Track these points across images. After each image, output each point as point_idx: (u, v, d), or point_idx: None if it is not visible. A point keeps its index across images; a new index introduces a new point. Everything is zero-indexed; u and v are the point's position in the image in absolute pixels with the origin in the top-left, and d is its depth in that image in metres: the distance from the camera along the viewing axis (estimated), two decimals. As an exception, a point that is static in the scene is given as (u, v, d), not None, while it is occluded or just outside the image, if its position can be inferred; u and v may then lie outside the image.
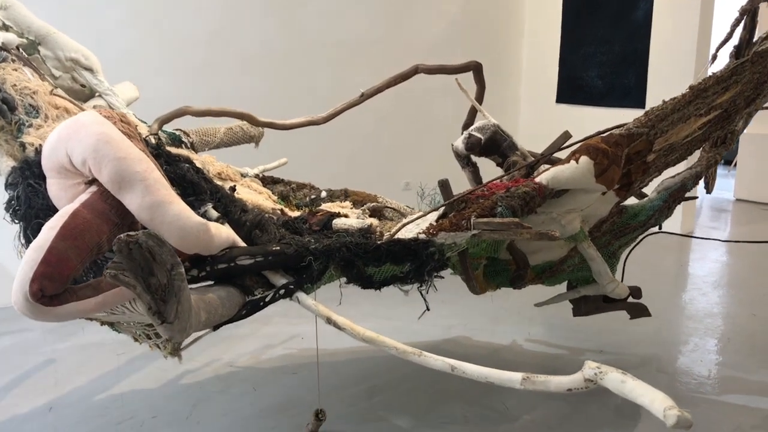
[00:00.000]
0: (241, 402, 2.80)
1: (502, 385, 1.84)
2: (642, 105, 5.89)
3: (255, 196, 2.66)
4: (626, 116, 2.53)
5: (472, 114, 3.09)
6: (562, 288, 3.11)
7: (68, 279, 1.75)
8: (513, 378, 1.81)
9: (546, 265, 2.85)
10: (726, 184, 8.25)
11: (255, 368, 3.15)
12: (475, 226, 2.22)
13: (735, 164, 8.02)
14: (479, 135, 2.80)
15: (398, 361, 2.09)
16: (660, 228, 3.05)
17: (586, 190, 2.44)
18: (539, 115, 6.79)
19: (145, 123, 2.72)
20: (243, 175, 2.92)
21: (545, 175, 2.37)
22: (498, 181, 2.50)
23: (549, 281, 3.00)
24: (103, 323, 2.08)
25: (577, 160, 2.35)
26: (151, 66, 4.25)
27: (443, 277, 2.32)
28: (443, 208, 2.36)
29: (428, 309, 2.35)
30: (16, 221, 2.00)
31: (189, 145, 2.85)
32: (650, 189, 3.00)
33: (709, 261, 5.19)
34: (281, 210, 2.66)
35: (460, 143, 2.86)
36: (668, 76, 5.84)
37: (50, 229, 1.75)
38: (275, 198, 2.86)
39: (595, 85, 6.44)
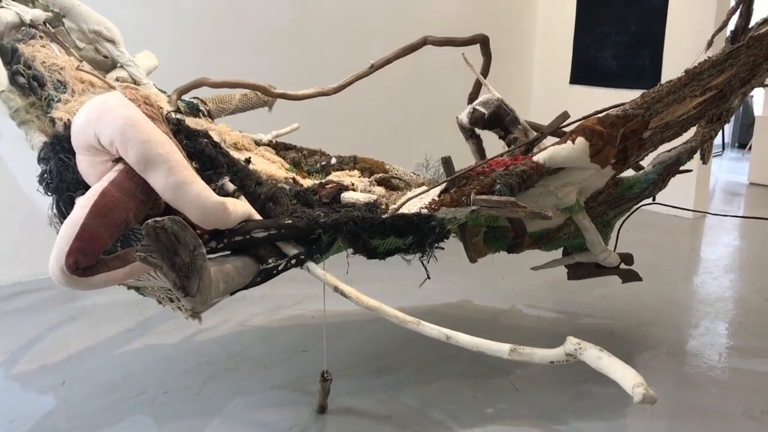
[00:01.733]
0: (251, 379, 2.87)
1: (492, 355, 2.03)
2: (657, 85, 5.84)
3: (268, 166, 2.81)
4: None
5: (478, 87, 3.20)
6: (558, 254, 3.26)
7: (100, 252, 1.93)
8: (501, 348, 1.99)
9: (543, 232, 2.99)
10: (740, 167, 8.15)
11: (265, 345, 3.21)
12: (475, 202, 2.36)
13: (750, 148, 7.93)
14: (483, 109, 2.91)
15: (407, 340, 2.23)
16: (654, 199, 3.18)
17: (582, 168, 2.57)
18: (552, 97, 6.74)
19: (164, 92, 2.86)
20: (257, 143, 3.06)
21: (543, 155, 2.50)
22: (499, 157, 2.63)
23: (546, 247, 3.15)
24: (129, 287, 2.27)
25: (573, 141, 2.47)
26: (166, 41, 4.30)
27: (443, 248, 2.47)
28: (445, 183, 2.50)
29: (429, 277, 2.52)
30: (49, 194, 2.17)
31: (206, 112, 2.99)
32: (647, 162, 3.12)
33: (721, 245, 5.16)
34: (293, 179, 2.81)
35: (464, 116, 2.97)
36: (683, 58, 5.74)
37: (82, 207, 1.92)
38: (288, 166, 3.01)
39: (610, 66, 6.37)
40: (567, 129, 2.76)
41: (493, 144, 3.08)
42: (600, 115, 2.56)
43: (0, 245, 3.85)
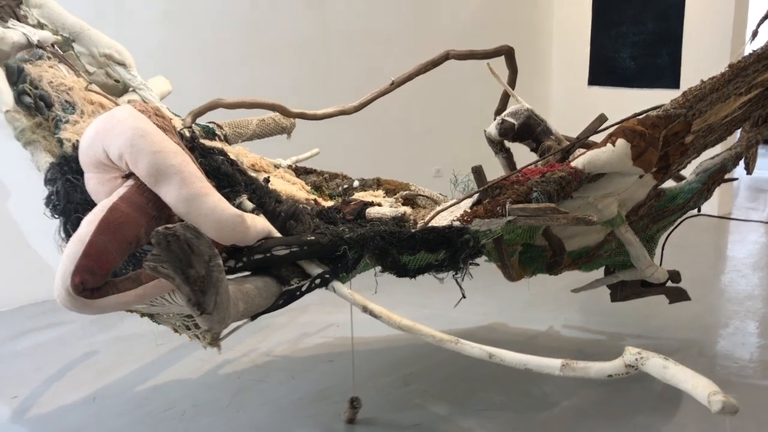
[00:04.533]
0: (280, 391, 2.82)
1: (541, 372, 1.83)
2: (676, 85, 5.76)
3: (289, 187, 2.67)
4: (660, 97, 2.49)
5: (505, 99, 3.06)
6: (599, 273, 3.07)
7: (108, 272, 1.78)
8: (552, 365, 1.80)
9: (582, 251, 2.81)
10: (765, 163, 8.03)
11: (292, 357, 3.17)
12: (510, 212, 2.20)
13: (775, 144, 7.81)
14: (512, 120, 2.77)
15: (433, 349, 2.09)
16: (699, 211, 2.99)
17: (623, 174, 2.40)
18: (571, 99, 6.67)
19: (178, 116, 2.75)
20: (276, 167, 2.93)
21: (581, 159, 2.34)
22: (533, 166, 2.47)
23: (586, 267, 2.96)
24: (143, 315, 2.11)
25: (613, 143, 2.31)
26: (183, 60, 4.28)
27: (478, 264, 2.30)
28: (477, 194, 2.34)
29: (464, 296, 2.34)
30: (56, 216, 2.04)
31: (222, 137, 2.87)
32: (689, 171, 2.94)
33: (749, 243, 5.08)
34: (315, 200, 2.67)
35: (493, 129, 2.83)
36: (703, 56, 5.70)
37: (89, 222, 1.78)
38: (308, 188, 2.87)
39: (628, 66, 6.31)
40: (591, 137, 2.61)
41: (524, 158, 2.93)
42: (640, 117, 2.40)
43: (28, 264, 3.78)
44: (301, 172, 3.07)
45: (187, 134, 2.26)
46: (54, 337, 3.44)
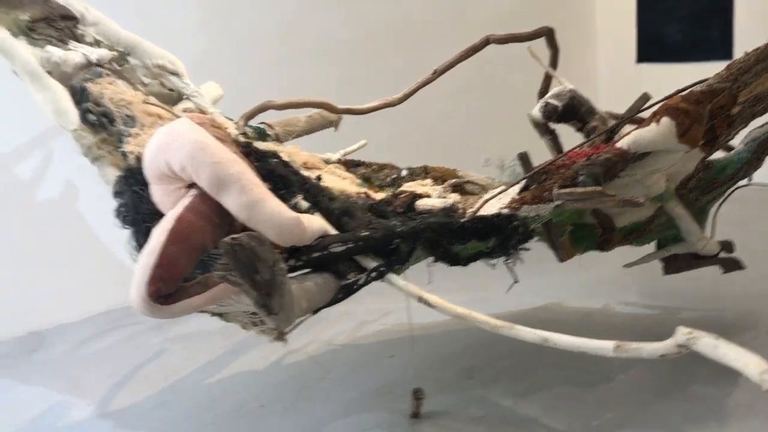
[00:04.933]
0: (342, 387, 2.87)
1: (595, 354, 1.89)
2: (729, 57, 5.51)
3: (340, 182, 2.76)
4: (712, 70, 2.46)
5: (547, 81, 3.08)
6: (651, 248, 3.08)
7: (179, 278, 1.91)
8: (605, 346, 1.85)
9: (633, 227, 2.83)
10: None
11: (352, 350, 3.23)
12: (558, 197, 2.24)
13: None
14: (556, 102, 2.79)
15: (493, 339, 2.15)
16: (750, 180, 2.96)
17: (670, 151, 2.41)
18: (620, 78, 6.45)
19: (231, 120, 2.86)
20: (326, 162, 3.02)
21: (626, 140, 2.36)
22: (578, 149, 2.51)
23: (637, 242, 2.98)
24: (213, 314, 2.24)
25: (658, 122, 2.32)
26: (226, 65, 4.37)
27: (529, 249, 2.35)
28: (524, 180, 2.39)
29: (516, 281, 2.40)
30: (126, 226, 2.17)
31: (274, 137, 2.97)
32: (738, 141, 2.92)
33: None
34: (365, 193, 2.75)
35: (536, 112, 2.86)
36: (756, 26, 5.48)
37: (159, 234, 1.90)
38: (359, 181, 2.95)
39: (677, 40, 6.10)
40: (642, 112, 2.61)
41: (570, 140, 2.95)
42: (683, 93, 2.40)
43: (94, 274, 3.96)
44: (350, 165, 3.15)
45: (242, 140, 2.36)
46: (123, 344, 3.57)
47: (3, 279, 3.75)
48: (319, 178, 2.58)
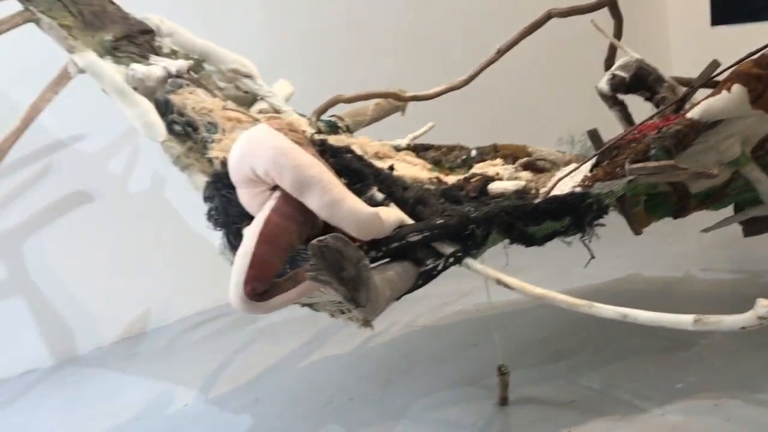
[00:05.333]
0: (428, 378, 2.89)
1: (675, 328, 1.93)
2: None
3: (411, 169, 2.84)
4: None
5: (612, 52, 3.05)
6: (728, 211, 3.04)
7: (272, 276, 2.04)
8: (684, 321, 1.89)
9: (709, 191, 2.80)
10: None
11: (436, 340, 3.26)
12: (630, 172, 2.26)
13: None
14: (623, 73, 2.78)
15: (578, 318, 2.19)
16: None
17: (743, 117, 2.38)
18: (694, 43, 6.05)
19: (303, 116, 2.98)
20: (396, 149, 3.11)
21: (697, 110, 2.35)
22: (648, 121, 2.50)
23: (714, 206, 2.95)
24: (302, 305, 2.38)
25: (729, 90, 2.30)
26: (294, 61, 4.45)
27: (604, 225, 2.38)
28: (595, 157, 2.41)
29: (593, 257, 2.43)
30: (218, 229, 2.33)
31: (345, 128, 3.08)
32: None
33: None
34: (437, 177, 2.82)
35: (604, 84, 2.85)
36: None
37: (250, 237, 2.04)
38: (429, 166, 3.03)
39: None
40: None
41: (639, 109, 2.93)
42: (755, 57, 2.35)
43: (181, 279, 4.17)
44: (419, 149, 3.23)
45: (317, 138, 2.47)
46: (211, 346, 3.71)
47: (103, 285, 3.96)
48: (391, 167, 2.66)
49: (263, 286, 2.01)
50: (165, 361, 3.64)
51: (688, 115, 2.34)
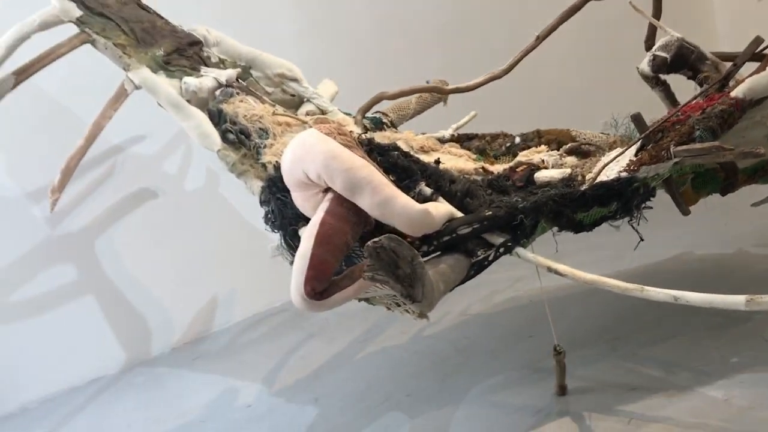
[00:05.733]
0: (485, 370, 2.90)
1: (727, 308, 1.94)
2: None
3: (457, 161, 2.89)
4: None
5: (652, 31, 3.04)
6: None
7: (330, 275, 2.14)
8: (736, 301, 1.91)
9: (758, 165, 2.79)
10: None
11: (490, 330, 3.28)
12: (676, 154, 2.28)
13: None
14: (664, 54, 2.78)
15: (634, 306, 2.19)
16: None
17: (790, 91, 2.36)
18: (740, 15, 5.79)
19: (349, 114, 3.06)
20: (441, 140, 3.16)
21: (741, 88, 2.34)
22: (692, 101, 2.50)
23: (764, 180, 2.93)
24: (359, 300, 2.47)
25: (774, 66, 2.29)
26: (336, 60, 4.52)
27: (652, 207, 2.40)
28: (640, 141, 2.43)
29: (642, 239, 2.46)
30: (275, 231, 2.43)
31: (389, 124, 3.15)
32: None
33: None
34: (482, 168, 2.87)
35: (645, 65, 2.85)
36: None
37: (307, 239, 2.13)
38: (474, 156, 3.08)
39: None
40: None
41: (682, 87, 2.92)
42: (800, 31, 2.34)
43: (239, 283, 4.31)
44: (463, 139, 3.27)
45: (364, 138, 2.54)
46: (269, 347, 3.79)
47: (167, 289, 4.12)
48: (437, 161, 2.72)
49: (322, 285, 2.10)
50: (227, 362, 3.74)
51: (733, 93, 2.34)
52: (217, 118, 2.62)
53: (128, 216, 4.06)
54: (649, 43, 3.04)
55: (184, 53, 2.83)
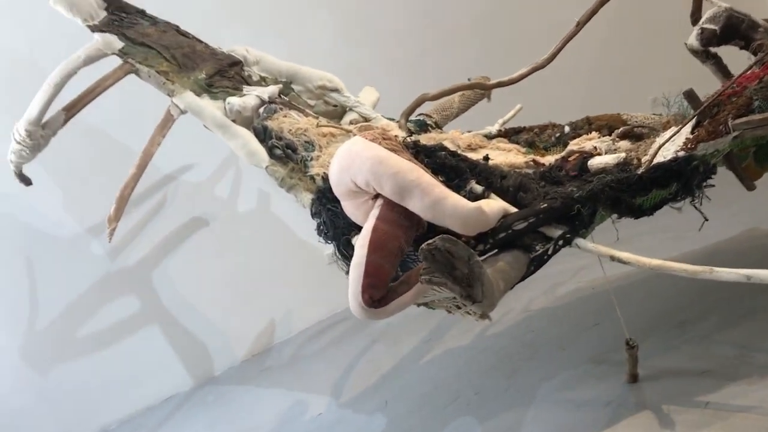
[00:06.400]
0: (553, 364, 2.86)
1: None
2: None
3: (506, 156, 2.84)
4: None
5: (698, 4, 2.92)
6: None
7: (387, 282, 2.12)
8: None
9: (825, 132, 2.66)
10: None
11: (555, 323, 3.22)
12: (734, 128, 2.20)
13: None
14: (712, 26, 2.67)
15: (701, 288, 2.11)
16: None
17: None
18: None
19: (392, 119, 3.04)
20: (488, 137, 3.12)
21: (799, 52, 2.23)
22: (746, 72, 2.40)
23: (833, 147, 2.79)
24: (419, 305, 2.44)
25: (832, 26, 2.18)
26: (374, 65, 4.52)
27: (714, 185, 2.31)
28: (695, 117, 2.34)
29: (706, 219, 2.36)
30: (329, 242, 2.43)
31: (434, 125, 3.12)
32: None
33: None
34: (533, 160, 2.81)
35: (693, 39, 2.75)
36: None
37: (361, 247, 2.12)
38: (523, 149, 3.02)
39: None
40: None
41: (735, 59, 2.80)
42: None
43: (298, 293, 4.36)
44: (511, 134, 3.22)
45: (409, 141, 2.52)
46: (335, 353, 3.83)
47: (228, 306, 4.22)
48: (486, 158, 2.68)
49: (379, 292, 2.08)
50: (294, 372, 3.80)
51: (790, 59, 2.24)
52: (263, 134, 2.63)
53: (185, 242, 4.18)
54: (696, 16, 2.93)
55: (225, 74, 2.86)
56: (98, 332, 3.97)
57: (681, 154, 2.26)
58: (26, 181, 2.85)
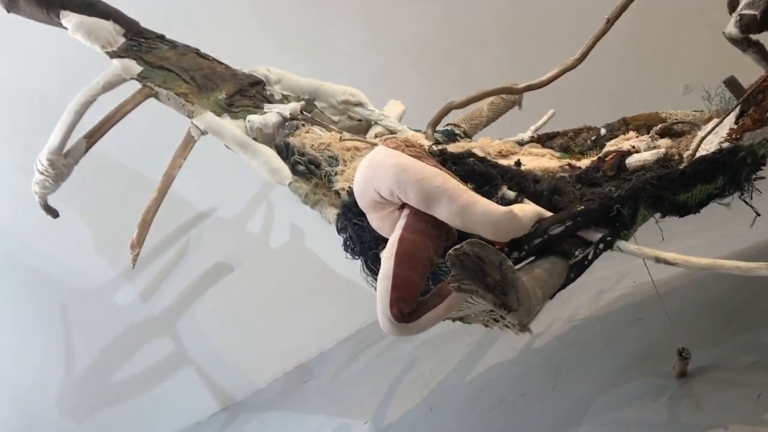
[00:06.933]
0: (598, 362, 2.79)
1: None
2: None
3: (539, 161, 2.72)
4: None
5: (735, -10, 2.79)
6: None
7: (417, 295, 2.00)
8: None
9: None
10: None
11: (597, 321, 3.14)
12: (784, 113, 2.04)
13: None
14: (751, 11, 2.51)
15: (743, 279, 1.99)
16: None
17: None
18: None
19: (419, 131, 2.95)
20: (520, 144, 3.00)
21: None
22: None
23: None
24: (454, 320, 2.32)
25: None
26: (400, 79, 4.48)
27: (764, 177, 2.15)
28: (739, 106, 2.20)
29: (758, 214, 2.20)
30: (356, 257, 2.33)
31: (463, 135, 3.01)
32: None
33: None
34: (568, 164, 2.68)
35: (732, 27, 2.59)
36: None
37: (387, 259, 2.01)
38: (558, 154, 2.89)
39: None
40: None
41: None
42: None
43: (339, 303, 4.34)
44: (544, 139, 3.10)
45: (436, 149, 2.42)
46: (378, 360, 3.80)
47: (264, 325, 4.24)
48: (518, 163, 2.57)
49: (409, 306, 1.97)
50: (338, 382, 3.80)
51: (840, 36, 2.08)
52: (285, 152, 2.56)
53: (220, 282, 4.31)
54: (733, 4, 2.78)
55: (246, 93, 2.81)
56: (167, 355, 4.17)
57: (726, 145, 2.12)
58: (53, 213, 2.83)
